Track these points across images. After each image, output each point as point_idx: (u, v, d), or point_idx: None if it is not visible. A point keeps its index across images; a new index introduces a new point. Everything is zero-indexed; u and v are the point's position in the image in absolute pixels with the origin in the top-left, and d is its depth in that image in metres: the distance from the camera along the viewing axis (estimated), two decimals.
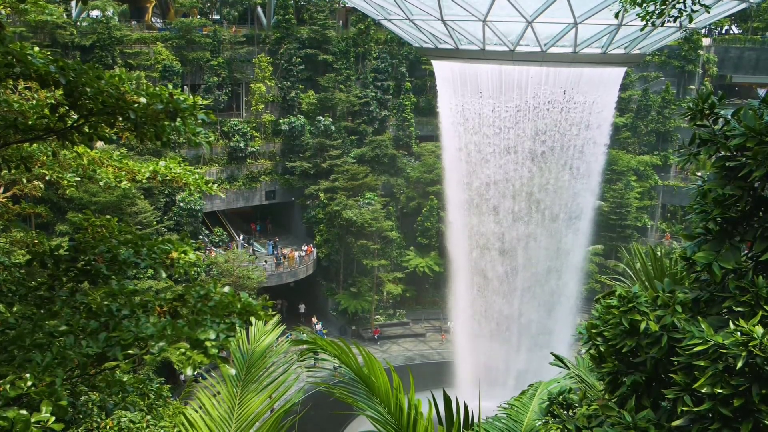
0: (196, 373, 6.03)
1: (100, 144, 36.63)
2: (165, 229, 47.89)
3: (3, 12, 16.36)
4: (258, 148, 59.07)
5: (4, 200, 17.35)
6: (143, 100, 6.63)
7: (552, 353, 9.38)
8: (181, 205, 50.76)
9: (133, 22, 61.95)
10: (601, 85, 44.54)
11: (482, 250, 51.06)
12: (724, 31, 75.30)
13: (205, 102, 7.34)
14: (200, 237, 53.95)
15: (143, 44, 56.23)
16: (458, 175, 50.31)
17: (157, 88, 6.85)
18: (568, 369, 9.32)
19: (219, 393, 8.22)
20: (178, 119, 6.86)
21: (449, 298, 56.27)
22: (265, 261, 56.09)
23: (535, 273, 51.32)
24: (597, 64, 41.85)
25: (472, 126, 47.48)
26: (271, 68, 59.38)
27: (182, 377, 44.02)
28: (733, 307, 5.30)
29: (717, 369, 4.84)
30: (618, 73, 45.58)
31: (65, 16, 53.42)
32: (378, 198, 57.56)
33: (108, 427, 11.40)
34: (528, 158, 47.69)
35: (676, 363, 5.26)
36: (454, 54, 43.00)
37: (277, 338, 9.06)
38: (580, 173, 48.52)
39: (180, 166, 11.45)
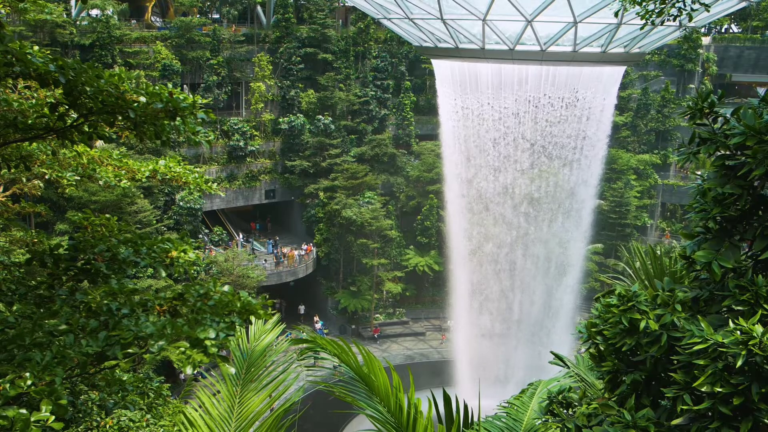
0: (195, 371, 6.03)
1: (99, 143, 36.63)
2: (165, 228, 47.88)
3: (2, 11, 16.35)
4: (258, 147, 59.08)
5: (3, 199, 17.34)
6: (143, 99, 6.62)
7: (552, 352, 9.39)
8: (181, 204, 50.75)
9: (132, 21, 61.94)
10: (601, 83, 44.53)
11: (482, 249, 51.06)
12: (723, 30, 75.30)
13: (204, 101, 7.34)
14: (200, 236, 53.96)
15: (143, 43, 56.22)
16: (458, 174, 50.31)
17: (157, 87, 6.84)
18: (568, 368, 9.33)
19: (219, 392, 8.23)
20: (178, 118, 6.85)
21: (449, 296, 56.29)
22: (265, 260, 56.10)
23: (534, 271, 51.34)
24: (596, 62, 41.84)
25: (471, 124, 47.47)
26: (270, 67, 59.36)
27: (182, 376, 44.04)
28: (733, 306, 5.29)
29: (717, 368, 4.84)
30: (618, 71, 45.57)
31: (65, 15, 53.42)
32: (378, 197, 57.58)
33: (108, 426, 11.39)
34: (528, 156, 47.69)
35: (675, 362, 5.26)
36: (454, 53, 42.98)
37: (277, 337, 9.06)
38: (579, 172, 48.52)
39: (180, 165, 11.44)
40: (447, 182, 52.81)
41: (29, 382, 5.45)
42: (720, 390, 4.80)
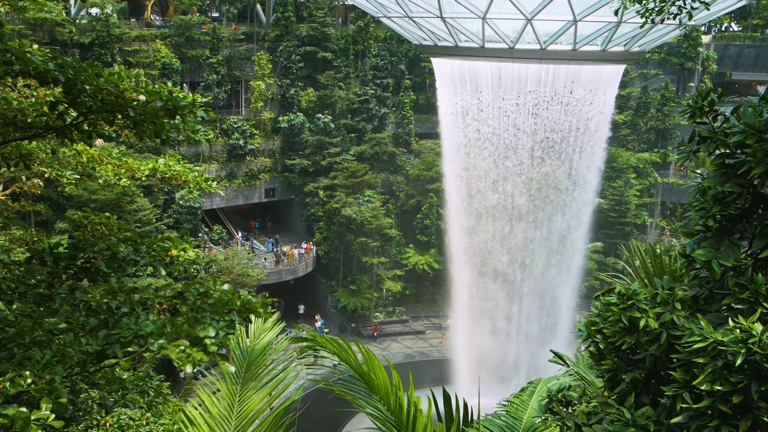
0: (195, 370, 6.04)
1: (99, 141, 36.60)
2: (164, 227, 47.88)
3: (2, 9, 16.33)
4: (257, 145, 59.07)
5: (3, 198, 17.34)
6: (142, 97, 6.62)
7: (551, 350, 9.39)
8: (181, 202, 50.73)
9: (132, 20, 61.90)
10: (601, 82, 44.52)
11: (481, 247, 51.07)
12: (723, 29, 75.25)
13: (204, 99, 7.34)
14: (200, 234, 53.94)
15: (142, 42, 56.20)
16: (457, 172, 50.31)
17: (157, 86, 6.84)
18: (568, 366, 9.33)
19: (219, 390, 8.23)
20: (178, 117, 6.85)
21: (449, 295, 56.30)
22: (265, 258, 56.09)
23: (534, 270, 51.35)
24: (596, 61, 41.83)
25: (471, 123, 47.47)
26: (270, 66, 59.34)
27: (182, 375, 44.05)
28: (733, 305, 5.30)
29: (716, 366, 4.84)
30: (617, 70, 45.56)
31: (64, 14, 53.39)
32: (377, 195, 57.58)
33: (108, 424, 11.40)
34: (527, 155, 47.69)
35: (675, 360, 5.26)
36: (454, 51, 42.96)
37: (277, 336, 9.06)
38: (579, 170, 48.52)
39: (179, 163, 11.43)
40: (446, 180, 52.81)
41: (29, 381, 5.46)
42: (719, 388, 4.80)
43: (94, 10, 55.30)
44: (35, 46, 6.62)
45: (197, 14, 66.46)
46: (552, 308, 52.47)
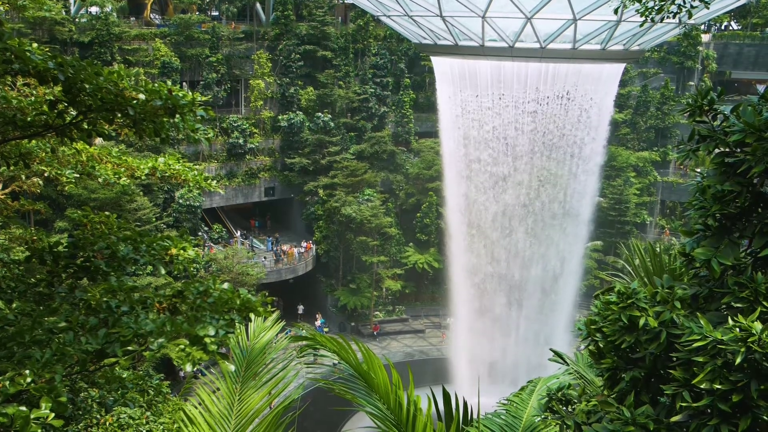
0: (195, 369, 6.04)
1: (98, 140, 36.57)
2: (164, 226, 47.86)
3: (1, 8, 16.33)
4: (257, 144, 59.05)
5: (3, 196, 17.34)
6: (142, 96, 6.62)
7: (551, 349, 9.39)
8: (180, 201, 50.72)
9: (131, 19, 61.85)
10: (601, 81, 44.52)
11: (481, 246, 51.07)
12: (723, 27, 75.22)
13: (204, 98, 7.34)
14: (199, 233, 53.93)
15: (142, 41, 56.18)
16: (457, 171, 50.31)
17: (156, 85, 6.83)
18: (567, 365, 9.33)
19: (218, 389, 8.23)
20: (177, 115, 6.85)
21: (448, 294, 56.31)
22: (264, 257, 56.09)
23: (534, 269, 51.35)
24: (596, 60, 41.83)
25: (471, 122, 47.46)
26: (270, 64, 59.32)
27: (182, 373, 44.04)
28: (732, 303, 5.30)
29: (716, 365, 4.85)
30: (617, 69, 45.56)
31: (64, 13, 53.35)
32: (377, 194, 57.58)
33: (107, 423, 11.40)
34: (527, 154, 47.69)
35: (675, 359, 5.27)
36: (454, 50, 42.96)
37: (277, 335, 9.06)
38: (579, 169, 48.53)
39: (179, 162, 11.42)
40: (446, 179, 52.81)
41: (29, 380, 5.46)
42: (719, 387, 4.81)
43: (93, 9, 55.29)
44: (35, 45, 6.61)
45: (197, 13, 66.44)
46: (552, 307, 52.47)
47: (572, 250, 52.18)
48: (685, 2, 10.07)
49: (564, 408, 7.64)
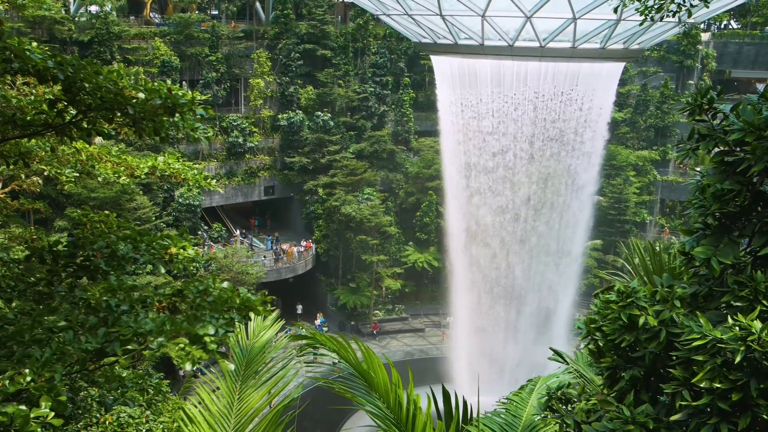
0: (195, 368, 6.04)
1: (98, 139, 36.58)
2: (164, 225, 47.85)
3: (1, 7, 16.32)
4: (257, 143, 59.03)
5: (2, 196, 17.34)
6: (142, 95, 6.62)
7: (551, 348, 9.39)
8: (180, 200, 50.72)
9: (131, 18, 61.84)
10: (600, 80, 44.51)
11: (481, 245, 51.09)
12: (723, 26, 75.24)
13: (203, 97, 7.34)
14: (199, 232, 53.93)
15: (141, 39, 56.15)
16: (457, 170, 50.31)
17: (156, 84, 6.84)
18: (567, 364, 9.34)
19: (218, 388, 8.23)
20: (177, 114, 6.85)
21: (448, 293, 56.31)
22: (264, 256, 56.09)
23: (533, 268, 51.36)
24: (596, 59, 41.82)
25: (470, 121, 47.46)
26: (269, 63, 59.30)
27: (181, 373, 44.03)
28: (732, 302, 5.30)
29: (715, 364, 4.85)
30: (617, 68, 45.55)
31: (63, 12, 53.32)
32: (377, 193, 57.57)
33: (107, 422, 11.41)
34: (527, 153, 47.68)
35: (674, 358, 5.27)
36: (453, 49, 42.94)
37: (276, 334, 9.06)
38: (578, 168, 48.54)
39: (178, 161, 11.44)
40: (446, 178, 52.80)
41: (29, 379, 5.46)
42: (719, 386, 4.81)
43: (93, 8, 55.26)
44: (34, 44, 6.61)
45: (196, 12, 66.37)
46: (551, 306, 52.49)
47: (572, 248, 52.19)
48: (684, 1, 10.07)
49: (564, 407, 7.65)
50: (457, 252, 52.72)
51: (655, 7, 10.17)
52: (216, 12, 70.09)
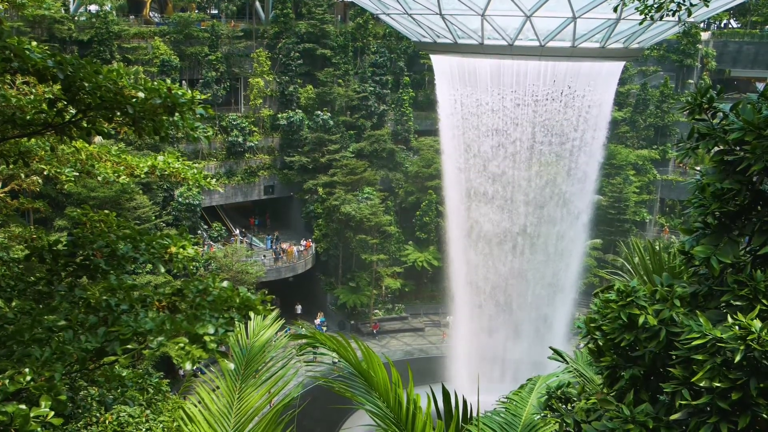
0: (195, 367, 6.04)
1: (98, 139, 36.58)
2: (163, 224, 47.85)
3: (1, 6, 16.32)
4: (256, 142, 59.02)
5: (2, 195, 17.35)
6: (141, 94, 6.62)
7: (550, 347, 9.40)
8: (180, 199, 50.72)
9: (130, 17, 61.83)
10: (600, 79, 44.50)
11: (481, 244, 51.08)
12: (722, 25, 75.24)
13: (203, 96, 7.33)
14: (199, 232, 53.92)
15: (141, 39, 56.13)
16: (457, 169, 50.30)
17: (155, 83, 6.83)
18: (567, 363, 9.34)
19: (218, 388, 8.23)
20: (177, 114, 6.85)
21: (448, 292, 56.30)
22: (264, 256, 56.09)
23: (533, 266, 51.37)
24: (595, 58, 41.80)
25: (470, 120, 47.45)
26: (269, 63, 59.29)
27: (181, 372, 44.06)
28: (732, 301, 5.31)
29: (715, 363, 4.85)
30: (617, 67, 45.55)
31: (63, 11, 53.30)
32: (376, 192, 57.55)
33: (107, 421, 11.42)
34: (526, 152, 47.68)
35: (674, 357, 5.27)
36: (453, 48, 42.92)
37: (276, 333, 9.06)
38: (578, 167, 48.54)
39: (178, 160, 11.44)
40: (446, 177, 52.79)
41: (28, 378, 5.46)
42: (718, 385, 4.81)
43: (93, 7, 55.24)
44: (34, 43, 6.60)
45: (196, 11, 66.35)
46: (551, 305, 52.49)
47: (572, 247, 52.19)
48: (684, 0, 10.07)
49: (563, 406, 7.65)
50: (457, 251, 52.71)
51: (655, 6, 10.18)
52: (216, 11, 70.11)
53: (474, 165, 48.88)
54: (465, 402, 8.15)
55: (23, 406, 5.12)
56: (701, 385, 4.90)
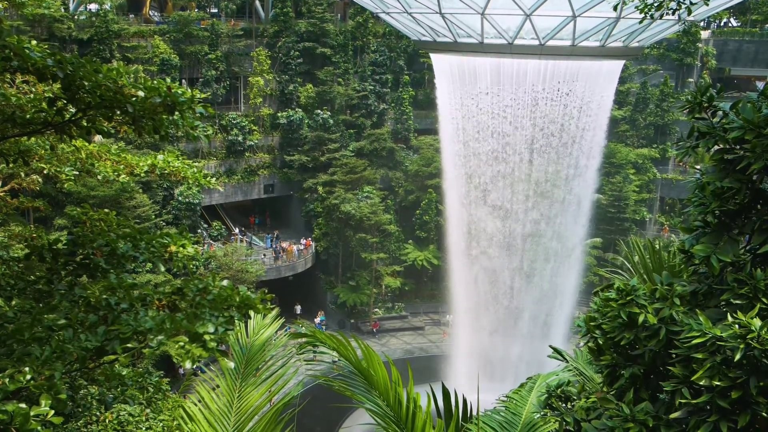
0: (194, 366, 6.04)
1: (98, 138, 36.54)
2: (163, 223, 47.85)
3: (0, 5, 16.30)
4: (256, 141, 59.01)
5: (2, 194, 17.34)
6: (141, 93, 6.61)
7: (550, 346, 9.41)
8: (180, 198, 50.72)
9: (130, 16, 61.77)
10: (600, 77, 44.50)
11: (480, 243, 51.09)
12: (722, 24, 75.24)
13: (203, 95, 7.33)
14: (199, 231, 53.92)
15: (141, 38, 56.08)
16: (456, 168, 50.31)
17: (155, 82, 6.83)
18: (567, 362, 9.35)
19: (218, 386, 8.23)
20: (176, 113, 6.84)
21: (448, 291, 56.31)
22: (264, 255, 56.09)
23: (533, 265, 51.38)
24: (595, 56, 41.80)
25: (470, 119, 47.45)
26: (269, 61, 59.27)
27: (181, 371, 44.07)
28: (732, 300, 5.31)
29: (715, 361, 4.86)
30: (616, 65, 45.54)
31: (62, 10, 53.24)
32: (376, 191, 57.54)
33: (107, 420, 11.42)
34: (526, 150, 47.70)
35: (674, 355, 5.27)
36: (453, 47, 42.92)
37: (276, 332, 9.07)
38: (578, 165, 48.55)
39: (178, 159, 11.43)
40: (446, 176, 52.79)
41: (29, 377, 5.46)
42: (718, 383, 4.81)
43: (92, 6, 55.20)
44: (34, 42, 6.60)
45: (196, 10, 66.26)
46: (551, 304, 52.50)
47: (571, 246, 52.19)
48: None
49: (563, 405, 7.66)
50: (456, 250, 52.71)
51: (655, 4, 10.17)
52: (215, 10, 70.02)
53: (473, 161, 48.88)
54: (465, 401, 8.15)
55: (23, 405, 5.12)
56: (701, 383, 4.90)
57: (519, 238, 50.55)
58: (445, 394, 8.01)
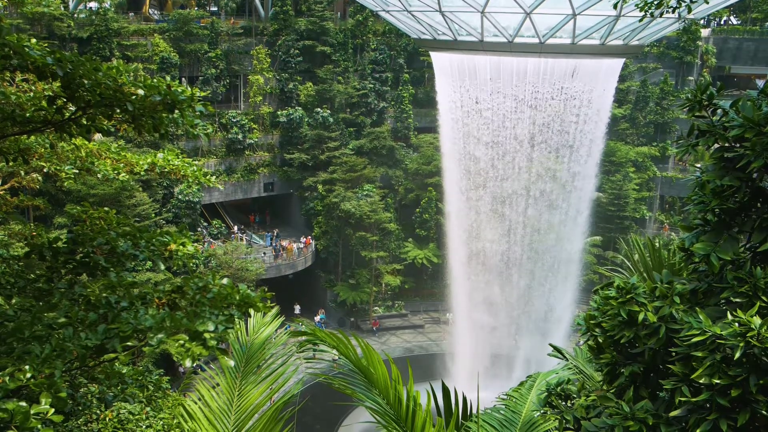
0: (195, 364, 6.05)
1: (98, 136, 36.56)
2: (163, 221, 47.85)
3: (0, 4, 16.30)
4: (256, 140, 59.00)
5: (2, 192, 17.33)
6: (141, 91, 6.61)
7: (550, 344, 9.40)
8: (180, 197, 50.72)
9: (130, 14, 61.72)
10: (600, 76, 44.48)
11: (480, 241, 51.10)
12: (722, 22, 75.18)
13: (202, 94, 7.33)
14: (199, 229, 53.94)
15: (141, 36, 56.07)
16: (456, 166, 50.30)
17: (155, 80, 6.83)
18: (567, 360, 9.35)
19: (218, 385, 8.23)
20: (176, 111, 6.84)
21: (448, 289, 56.32)
22: (264, 253, 56.10)
23: (533, 263, 51.39)
24: (595, 55, 41.78)
25: (470, 117, 47.43)
26: (269, 60, 59.25)
27: (181, 369, 44.09)
28: (731, 298, 5.31)
29: (715, 359, 4.86)
30: (616, 64, 45.52)
31: (62, 8, 53.20)
32: (376, 190, 57.53)
33: (107, 418, 11.42)
34: (526, 148, 47.70)
35: (674, 354, 5.28)
36: (453, 45, 42.91)
37: (276, 330, 9.07)
38: (578, 164, 48.54)
39: (178, 158, 11.44)
40: (445, 175, 52.78)
41: (29, 375, 5.46)
42: (718, 382, 4.82)
43: (92, 5, 55.16)
44: (33, 41, 6.60)
45: (195, 8, 66.22)
46: (551, 302, 52.51)
47: (571, 245, 52.20)
48: None
49: (563, 403, 7.66)
50: (456, 248, 52.71)
51: (655, 3, 10.17)
52: (215, 8, 69.95)
53: (473, 160, 48.88)
54: (465, 399, 8.16)
55: (23, 403, 5.12)
56: (701, 381, 4.91)
57: (519, 236, 50.55)
58: (445, 392, 8.02)
